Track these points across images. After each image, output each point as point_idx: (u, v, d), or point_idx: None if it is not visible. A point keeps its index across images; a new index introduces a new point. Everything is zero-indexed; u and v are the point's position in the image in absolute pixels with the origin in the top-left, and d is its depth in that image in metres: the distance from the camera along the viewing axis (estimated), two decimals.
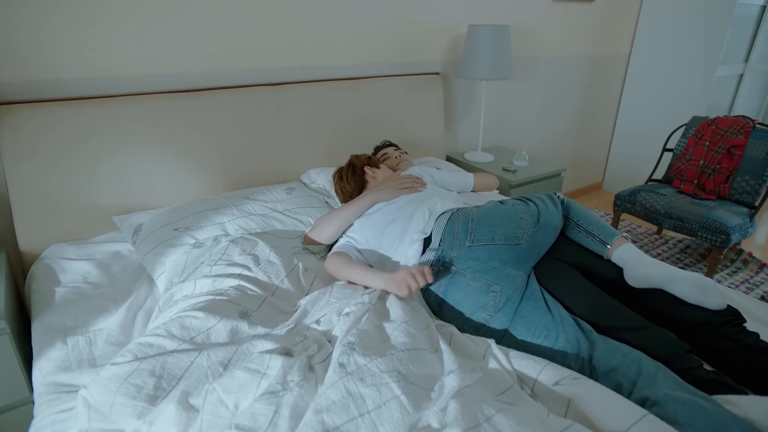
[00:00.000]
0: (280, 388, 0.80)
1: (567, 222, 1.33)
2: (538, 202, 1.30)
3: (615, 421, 0.77)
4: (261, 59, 1.86)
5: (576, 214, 1.32)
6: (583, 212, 1.32)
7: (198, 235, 1.42)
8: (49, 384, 0.98)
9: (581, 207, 1.34)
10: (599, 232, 1.27)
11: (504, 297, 1.09)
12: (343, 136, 2.09)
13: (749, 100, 3.40)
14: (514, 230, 1.18)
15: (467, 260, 1.16)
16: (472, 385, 0.82)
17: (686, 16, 2.98)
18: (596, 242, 1.26)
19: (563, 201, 1.35)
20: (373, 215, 1.42)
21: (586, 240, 1.28)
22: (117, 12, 1.51)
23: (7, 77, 1.40)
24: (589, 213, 1.33)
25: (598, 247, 1.26)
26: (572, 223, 1.31)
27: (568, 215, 1.33)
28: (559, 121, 3.19)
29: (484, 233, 1.18)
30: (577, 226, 1.30)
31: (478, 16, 2.47)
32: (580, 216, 1.31)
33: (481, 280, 1.12)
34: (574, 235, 1.31)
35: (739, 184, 2.31)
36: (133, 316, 1.21)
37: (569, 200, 1.36)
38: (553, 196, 1.36)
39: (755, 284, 2.37)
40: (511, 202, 1.30)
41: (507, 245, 1.16)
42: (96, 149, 1.51)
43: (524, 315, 1.07)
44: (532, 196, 1.35)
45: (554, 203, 1.32)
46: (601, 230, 1.27)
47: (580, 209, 1.33)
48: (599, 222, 1.30)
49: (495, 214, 1.23)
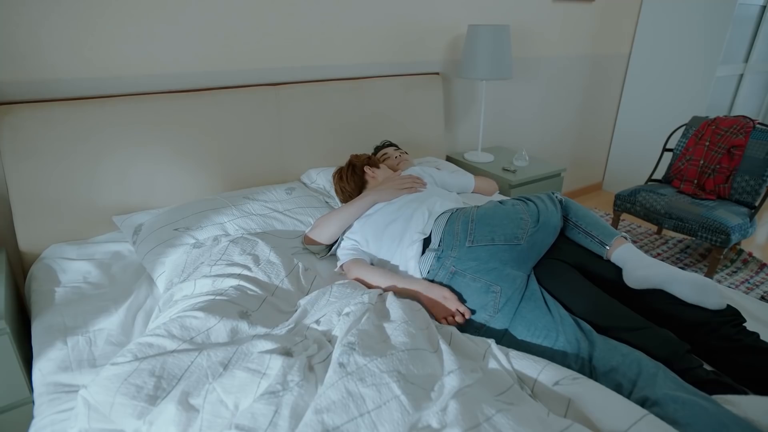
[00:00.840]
0: (280, 388, 0.80)
1: (566, 222, 1.32)
2: (538, 202, 1.30)
3: (615, 421, 0.77)
4: (261, 59, 1.86)
5: (575, 214, 1.31)
6: (582, 212, 1.31)
7: (198, 235, 1.42)
8: (49, 384, 0.98)
9: (580, 207, 1.34)
10: (598, 233, 1.25)
11: (504, 297, 1.09)
12: (343, 136, 2.09)
13: (749, 100, 3.40)
14: (514, 230, 1.18)
15: (467, 261, 1.16)
16: (472, 385, 0.82)
17: (686, 16, 2.98)
18: (595, 243, 1.25)
19: (562, 201, 1.34)
20: (373, 216, 1.42)
21: (585, 240, 1.28)
22: (117, 12, 1.51)
23: (7, 77, 1.40)
24: (588, 213, 1.32)
25: (597, 248, 1.25)
26: (571, 224, 1.31)
27: (567, 215, 1.32)
28: (559, 121, 3.19)
29: (483, 233, 1.18)
30: (576, 227, 1.29)
31: (478, 16, 2.47)
32: (578, 216, 1.30)
33: (481, 281, 1.12)
34: (573, 235, 1.31)
35: (739, 184, 2.31)
36: (133, 316, 1.20)
37: (568, 200, 1.35)
38: (552, 196, 1.35)
39: (755, 284, 2.37)
40: (510, 202, 1.30)
41: (507, 245, 1.16)
42: (96, 149, 1.51)
43: (524, 315, 1.07)
44: (532, 196, 1.35)
45: (553, 203, 1.31)
46: (600, 230, 1.26)
47: (579, 209, 1.32)
48: (598, 222, 1.29)
49: (495, 215, 1.23)
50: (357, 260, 1.35)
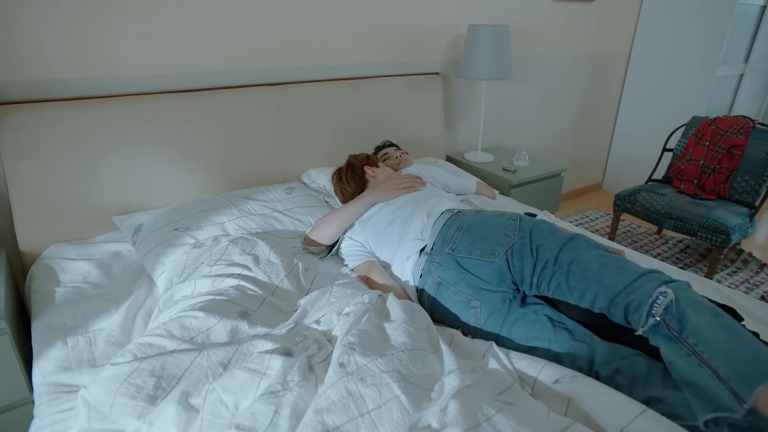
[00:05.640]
0: (280, 388, 0.80)
1: (662, 335, 0.83)
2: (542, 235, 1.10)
3: (615, 417, 0.78)
4: (261, 59, 1.86)
5: (694, 332, 0.78)
6: (714, 333, 0.77)
7: (198, 235, 1.42)
8: (49, 384, 0.98)
9: (706, 317, 0.79)
10: (734, 375, 0.71)
11: (485, 313, 1.08)
12: (343, 136, 2.09)
13: (749, 100, 3.40)
14: (493, 247, 1.11)
15: (447, 268, 1.15)
16: (472, 385, 0.82)
17: (686, 16, 2.98)
18: (723, 391, 0.71)
19: (665, 296, 0.85)
20: (374, 217, 1.42)
21: (698, 377, 0.76)
22: (117, 12, 1.51)
23: (7, 77, 1.40)
24: (725, 335, 0.77)
25: (726, 401, 0.72)
26: (680, 345, 0.78)
27: (667, 322, 0.82)
28: (559, 121, 3.19)
29: (465, 244, 1.16)
30: (694, 353, 0.77)
31: (478, 16, 2.47)
32: (700, 339, 0.77)
33: (461, 294, 1.11)
34: (674, 357, 0.81)
35: (739, 184, 2.31)
36: (133, 316, 1.20)
37: (684, 292, 0.85)
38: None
39: (755, 284, 2.37)
40: (509, 216, 1.21)
41: (481, 261, 1.11)
42: (96, 149, 1.51)
43: (513, 332, 1.05)
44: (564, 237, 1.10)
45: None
46: (741, 371, 0.71)
47: (708, 326, 0.77)
48: (746, 350, 0.74)
49: (483, 225, 1.18)
50: (368, 262, 1.35)
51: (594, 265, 1.00)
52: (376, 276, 1.30)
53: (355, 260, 1.38)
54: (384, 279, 1.29)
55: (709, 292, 1.31)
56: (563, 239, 1.08)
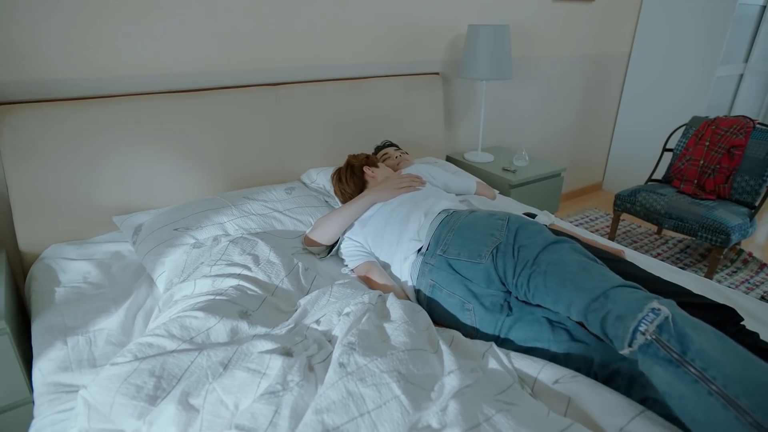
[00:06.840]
0: (280, 388, 0.80)
1: (658, 357, 0.73)
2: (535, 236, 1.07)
3: (614, 417, 0.78)
4: (261, 59, 1.86)
5: (701, 354, 0.70)
6: (726, 357, 0.69)
7: (198, 235, 1.42)
8: (49, 384, 0.98)
9: (711, 337, 0.73)
10: (759, 407, 0.63)
11: (479, 315, 1.08)
12: (343, 136, 2.09)
13: (749, 100, 3.40)
14: (479, 247, 1.11)
15: (440, 271, 1.15)
16: (472, 385, 0.82)
17: (686, 16, 2.98)
18: (742, 424, 0.64)
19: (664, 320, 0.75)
20: (373, 217, 1.42)
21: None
22: (116, 12, 1.51)
23: (7, 77, 1.40)
24: (741, 361, 0.69)
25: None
26: (684, 369, 0.70)
27: (663, 343, 0.73)
28: (559, 121, 3.19)
29: (455, 245, 1.15)
30: (703, 380, 0.68)
31: (478, 16, 2.47)
32: (710, 362, 0.69)
33: (455, 297, 1.11)
34: (675, 384, 0.71)
35: (739, 184, 2.31)
36: (133, 316, 1.20)
37: (676, 310, 0.78)
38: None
39: (755, 284, 2.37)
40: (499, 216, 1.19)
41: (469, 262, 1.11)
42: (96, 149, 1.51)
43: (512, 333, 1.05)
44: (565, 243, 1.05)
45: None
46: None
47: (716, 349, 0.71)
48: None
49: (474, 226, 1.17)
50: (369, 262, 1.35)
51: (573, 266, 0.95)
52: (375, 276, 1.30)
53: (354, 260, 1.38)
54: (384, 279, 1.29)
55: (709, 292, 1.30)
56: (547, 240, 1.05)
